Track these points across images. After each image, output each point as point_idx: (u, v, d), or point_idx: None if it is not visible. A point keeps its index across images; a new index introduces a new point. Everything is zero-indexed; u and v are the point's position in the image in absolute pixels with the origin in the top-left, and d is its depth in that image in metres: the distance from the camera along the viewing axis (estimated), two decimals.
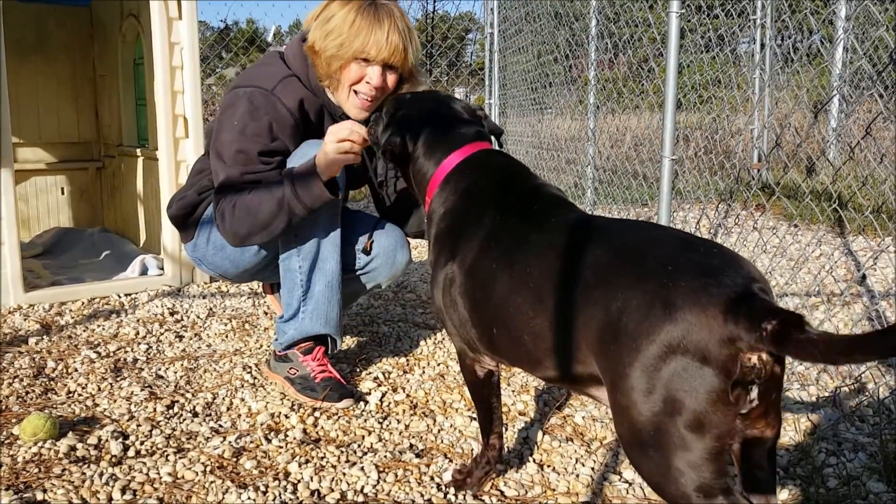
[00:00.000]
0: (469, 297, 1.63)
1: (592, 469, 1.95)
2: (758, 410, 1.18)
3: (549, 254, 1.46)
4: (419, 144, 1.84)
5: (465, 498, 1.79)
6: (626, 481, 1.88)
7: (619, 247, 1.38)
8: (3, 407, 2.28)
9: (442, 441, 2.11)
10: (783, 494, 1.80)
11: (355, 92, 2.28)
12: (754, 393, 1.16)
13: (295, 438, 2.09)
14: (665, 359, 1.18)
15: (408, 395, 2.42)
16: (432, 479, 1.89)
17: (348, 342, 2.94)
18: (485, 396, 1.80)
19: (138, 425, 2.16)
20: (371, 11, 2.21)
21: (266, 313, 3.31)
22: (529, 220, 1.59)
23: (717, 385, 1.15)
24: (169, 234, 3.65)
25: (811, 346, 1.10)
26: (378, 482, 1.87)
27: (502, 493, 1.83)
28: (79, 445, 2.02)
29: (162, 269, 3.75)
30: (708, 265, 1.25)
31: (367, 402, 2.36)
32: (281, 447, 2.05)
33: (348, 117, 2.32)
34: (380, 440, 2.11)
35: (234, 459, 1.98)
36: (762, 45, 6.87)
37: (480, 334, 1.63)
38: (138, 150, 4.17)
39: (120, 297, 3.51)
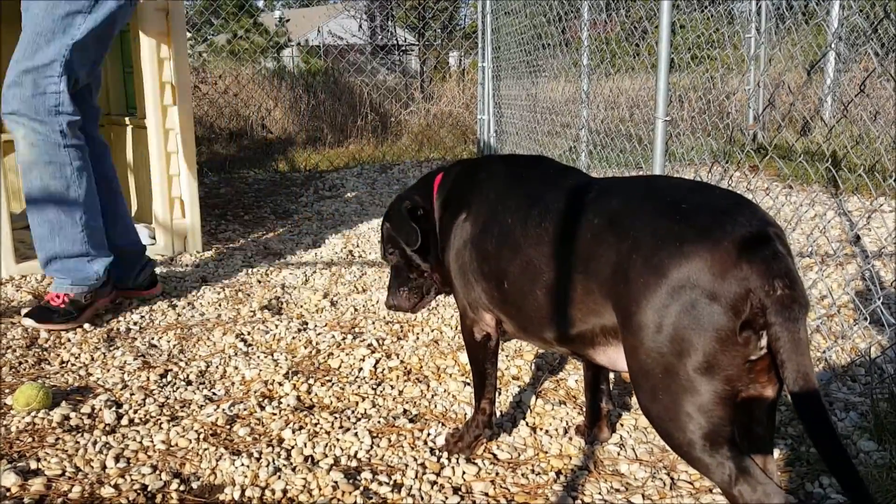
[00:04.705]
0: (480, 250, 1.64)
1: None
2: (764, 362, 1.16)
3: (564, 207, 1.46)
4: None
5: (458, 461, 1.80)
6: (618, 444, 1.89)
7: (632, 194, 1.37)
8: None
9: (436, 406, 2.12)
10: (774, 454, 1.81)
11: None
12: (764, 341, 1.14)
13: (289, 405, 2.10)
14: (674, 295, 1.15)
15: (402, 362, 2.42)
16: (426, 443, 1.90)
17: (341, 310, 2.94)
18: (480, 359, 1.80)
19: (132, 394, 2.16)
20: None
21: (259, 282, 3.31)
22: (543, 180, 1.60)
23: (725, 323, 1.13)
24: (160, 203, 3.63)
25: (784, 351, 1.12)
26: (371, 447, 1.88)
27: (495, 455, 1.84)
28: (72, 415, 2.02)
29: (154, 238, 3.73)
30: (722, 205, 1.23)
31: (361, 369, 2.36)
32: (275, 414, 2.05)
33: None
34: (373, 406, 2.11)
35: (228, 427, 1.98)
36: (757, 3, 6.78)
37: (490, 288, 1.63)
38: (127, 119, 4.12)
39: None
